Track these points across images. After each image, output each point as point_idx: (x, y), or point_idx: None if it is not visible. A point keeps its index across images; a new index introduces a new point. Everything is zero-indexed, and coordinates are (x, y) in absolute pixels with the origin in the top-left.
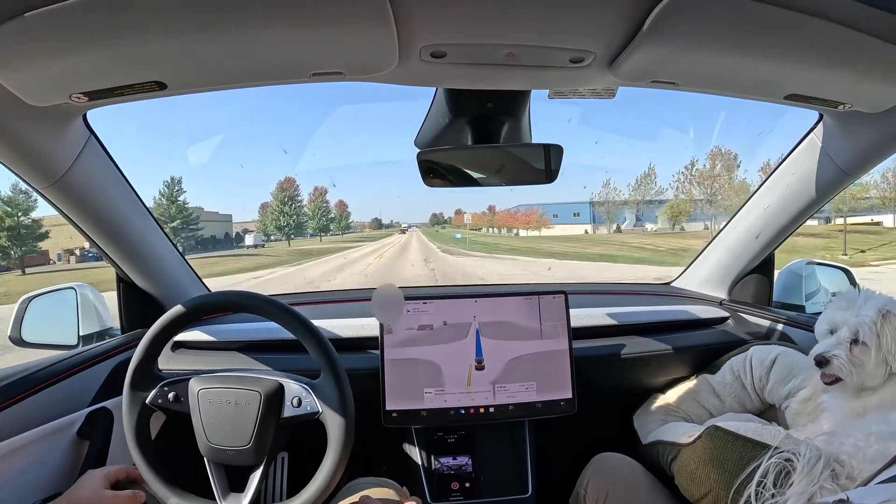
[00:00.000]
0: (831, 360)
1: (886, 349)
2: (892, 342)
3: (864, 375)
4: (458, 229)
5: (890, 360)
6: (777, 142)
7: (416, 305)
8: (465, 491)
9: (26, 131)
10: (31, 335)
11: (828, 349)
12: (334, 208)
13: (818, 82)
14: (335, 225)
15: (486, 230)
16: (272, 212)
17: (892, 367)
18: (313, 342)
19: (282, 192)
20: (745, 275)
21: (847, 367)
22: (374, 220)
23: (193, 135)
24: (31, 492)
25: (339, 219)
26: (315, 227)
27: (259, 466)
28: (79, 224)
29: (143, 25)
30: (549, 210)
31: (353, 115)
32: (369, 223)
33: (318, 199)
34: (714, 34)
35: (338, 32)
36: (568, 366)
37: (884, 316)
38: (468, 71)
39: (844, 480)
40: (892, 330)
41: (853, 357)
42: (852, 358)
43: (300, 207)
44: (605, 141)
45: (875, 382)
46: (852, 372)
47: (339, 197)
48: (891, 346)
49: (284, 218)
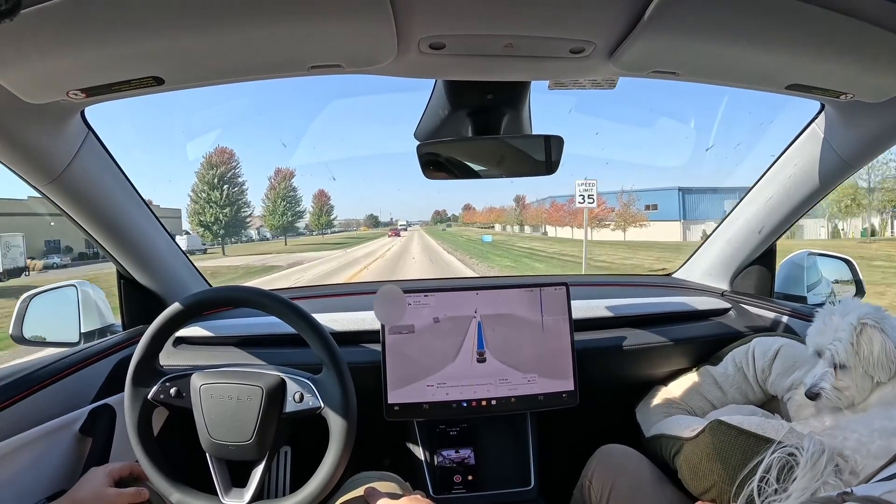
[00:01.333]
0: (819, 393)
1: (866, 364)
2: (871, 355)
3: (853, 395)
4: (466, 228)
5: (871, 372)
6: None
7: (418, 298)
8: (468, 484)
9: (24, 129)
10: (32, 333)
11: (815, 382)
12: (313, 201)
13: (820, 72)
14: (314, 221)
15: (507, 228)
16: (195, 201)
17: (876, 378)
18: (314, 336)
19: (210, 171)
20: (746, 266)
21: (835, 395)
22: (369, 217)
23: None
24: (34, 490)
25: (320, 214)
26: (275, 225)
27: (261, 461)
28: (78, 221)
29: (139, 20)
30: (641, 197)
31: (351, 107)
32: (364, 220)
33: (282, 184)
34: (715, 23)
35: (336, 25)
36: (570, 358)
37: (860, 331)
38: (467, 62)
39: (848, 476)
40: (868, 342)
41: (838, 382)
42: (837, 383)
43: (242, 193)
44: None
45: (864, 397)
46: (841, 398)
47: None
48: (870, 358)
49: (212, 211)
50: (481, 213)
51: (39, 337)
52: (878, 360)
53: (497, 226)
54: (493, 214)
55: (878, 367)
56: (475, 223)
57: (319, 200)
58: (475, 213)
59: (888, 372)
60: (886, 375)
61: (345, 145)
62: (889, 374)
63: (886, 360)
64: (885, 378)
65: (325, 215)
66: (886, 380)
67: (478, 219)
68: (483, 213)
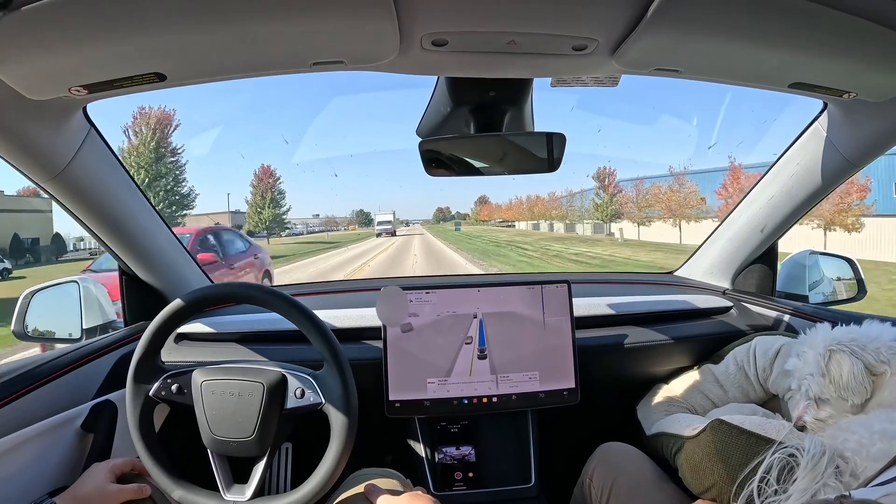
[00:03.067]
0: (805, 425)
1: (839, 389)
2: (840, 380)
3: (837, 418)
4: (485, 226)
5: (845, 396)
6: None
7: (419, 295)
8: (469, 481)
9: (26, 125)
10: (34, 329)
11: (799, 415)
12: (252, 185)
13: (823, 70)
14: (252, 217)
15: (539, 225)
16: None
17: (850, 402)
18: (316, 333)
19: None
20: (748, 264)
21: (818, 427)
22: (359, 214)
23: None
24: (36, 486)
25: (262, 206)
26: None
27: (263, 458)
28: (80, 217)
29: (142, 17)
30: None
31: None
32: (353, 217)
33: (156, 131)
34: (718, 21)
35: (338, 22)
36: (571, 355)
37: (829, 359)
38: (470, 59)
39: (848, 478)
40: (837, 369)
41: (819, 413)
42: (818, 414)
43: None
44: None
45: (848, 416)
46: (825, 427)
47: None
48: (839, 382)
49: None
50: (507, 208)
51: (41, 333)
52: (848, 384)
53: (520, 224)
54: (519, 209)
55: (849, 391)
56: (492, 219)
57: (262, 184)
58: (493, 209)
59: (861, 395)
60: (860, 398)
61: (346, 142)
62: (863, 396)
63: (856, 384)
64: (858, 401)
65: (271, 207)
66: (860, 401)
67: (498, 214)
68: (507, 207)
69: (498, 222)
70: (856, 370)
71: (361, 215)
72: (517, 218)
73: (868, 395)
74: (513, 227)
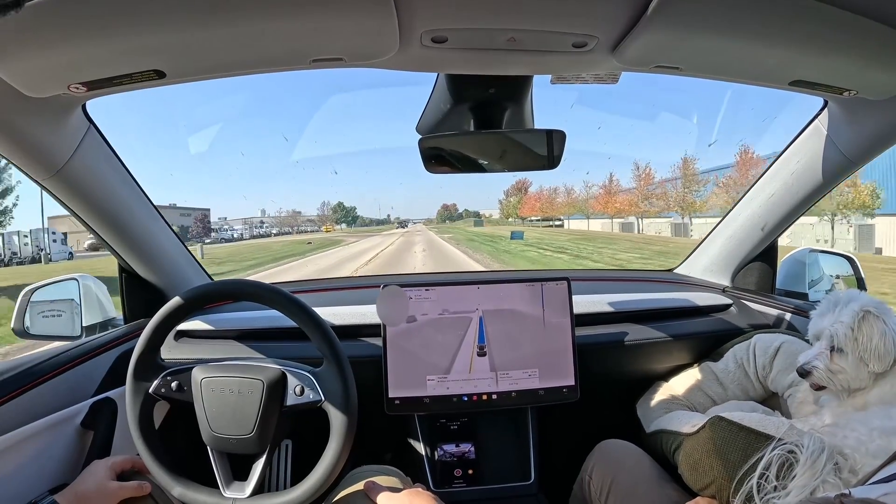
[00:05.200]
0: (811, 371)
1: (863, 350)
2: (869, 342)
3: (847, 380)
4: (498, 226)
5: (866, 359)
6: None
7: (419, 292)
8: (468, 478)
9: (25, 123)
10: (34, 327)
11: (808, 360)
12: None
13: (824, 68)
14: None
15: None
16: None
17: (871, 367)
18: (315, 330)
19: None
20: (748, 262)
21: (826, 376)
22: (337, 208)
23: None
24: (35, 483)
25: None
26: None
27: (262, 455)
28: (80, 215)
29: (141, 13)
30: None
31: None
32: (331, 211)
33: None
34: (719, 18)
35: (338, 19)
36: (570, 353)
37: (862, 317)
38: (469, 56)
39: (847, 475)
40: (869, 330)
41: (833, 364)
42: (832, 365)
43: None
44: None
45: (859, 384)
46: (832, 380)
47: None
48: (867, 346)
49: None
50: (547, 199)
51: (41, 331)
52: (877, 348)
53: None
54: (530, 206)
55: (874, 355)
56: (531, 217)
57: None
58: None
59: (884, 362)
60: (882, 366)
61: (345, 140)
62: (884, 365)
63: (884, 350)
64: (879, 368)
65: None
66: (881, 370)
67: (529, 211)
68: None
69: (536, 220)
70: (887, 337)
71: (340, 210)
72: (563, 212)
73: (888, 366)
74: (560, 226)
